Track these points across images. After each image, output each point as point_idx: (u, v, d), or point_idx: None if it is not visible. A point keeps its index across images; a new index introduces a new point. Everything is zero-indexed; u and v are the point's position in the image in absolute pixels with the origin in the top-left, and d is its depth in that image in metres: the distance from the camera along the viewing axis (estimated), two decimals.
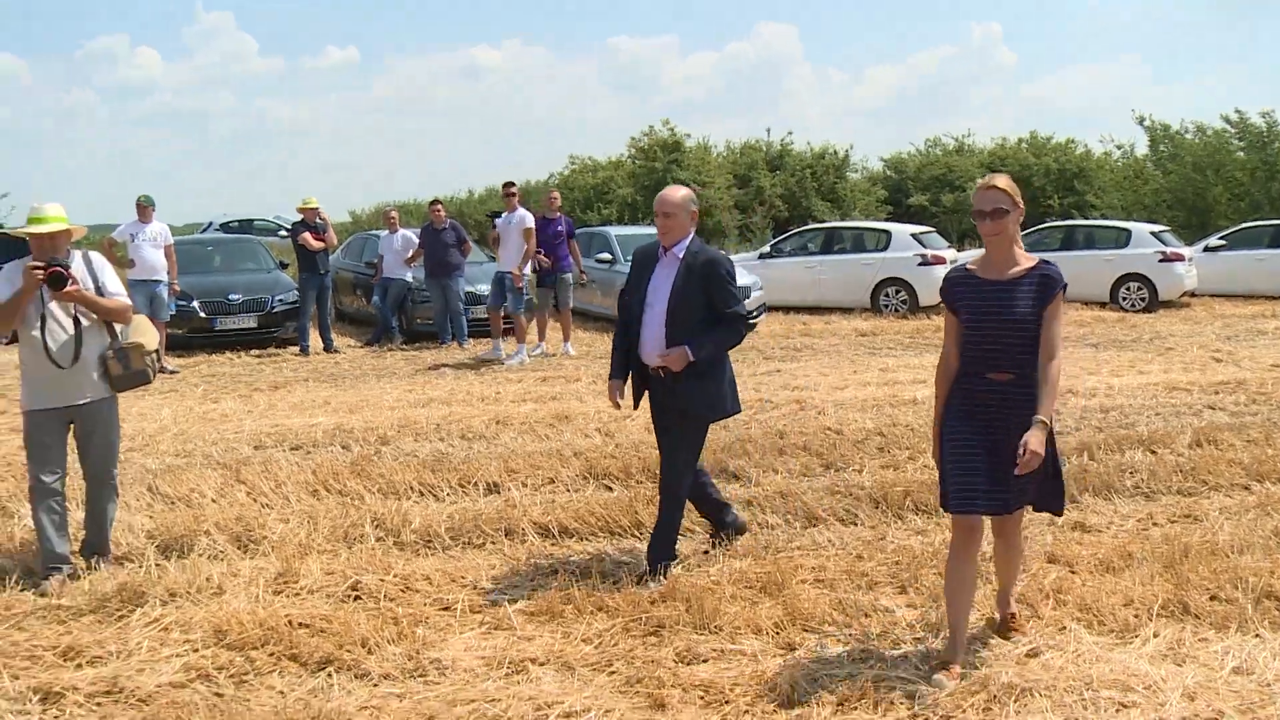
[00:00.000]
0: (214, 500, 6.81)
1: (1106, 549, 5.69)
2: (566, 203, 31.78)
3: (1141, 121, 28.94)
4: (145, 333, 5.83)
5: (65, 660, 4.59)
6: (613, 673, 4.40)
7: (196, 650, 4.65)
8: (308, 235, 13.90)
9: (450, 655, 4.54)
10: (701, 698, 4.17)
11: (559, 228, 13.30)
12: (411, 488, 7.07)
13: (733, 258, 6.57)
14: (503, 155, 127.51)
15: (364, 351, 14.37)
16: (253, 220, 31.67)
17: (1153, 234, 18.29)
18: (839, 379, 11.39)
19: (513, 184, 13.03)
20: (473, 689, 4.25)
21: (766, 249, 19.28)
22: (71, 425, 5.67)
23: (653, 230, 7.18)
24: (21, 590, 5.42)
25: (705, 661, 4.49)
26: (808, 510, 6.49)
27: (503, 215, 12.98)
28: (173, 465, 7.72)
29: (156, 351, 5.90)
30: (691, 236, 5.44)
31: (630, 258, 6.01)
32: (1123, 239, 18.34)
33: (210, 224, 32.47)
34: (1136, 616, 4.79)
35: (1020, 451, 4.01)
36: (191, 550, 5.91)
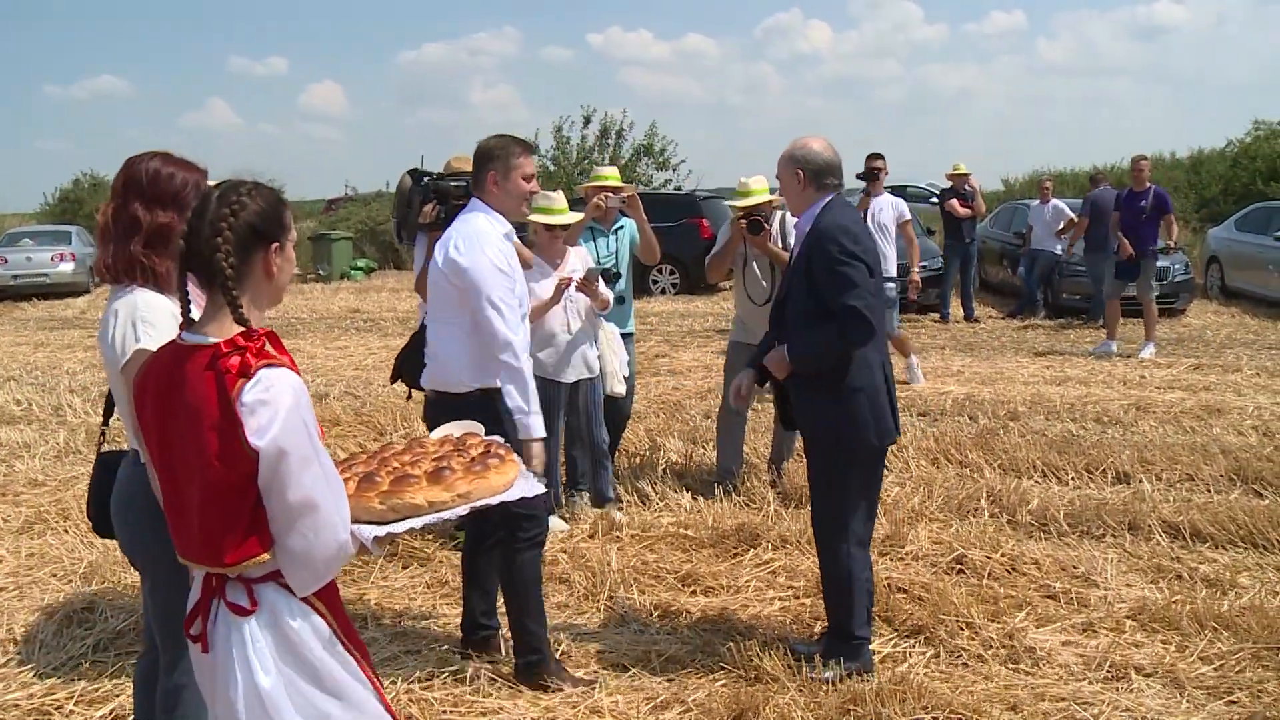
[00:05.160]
0: None
1: None
2: (1245, 174, 28.21)
3: None
4: None
5: (683, 585, 5.02)
6: (1232, 702, 3.83)
7: (797, 598, 4.84)
8: (954, 202, 13.79)
9: (1047, 646, 4.25)
10: None
11: (1142, 202, 11.10)
12: (1034, 467, 6.75)
13: None
14: (1180, 120, 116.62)
15: (1005, 323, 13.99)
16: (905, 186, 32.13)
17: None
18: None
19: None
20: (1065, 686, 3.95)
21: None
22: None
23: None
24: (658, 515, 6.00)
25: None
26: None
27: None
28: None
29: None
30: (824, 204, 4.02)
31: None
32: None
33: None
34: None
35: None
36: (802, 502, 6.14)
